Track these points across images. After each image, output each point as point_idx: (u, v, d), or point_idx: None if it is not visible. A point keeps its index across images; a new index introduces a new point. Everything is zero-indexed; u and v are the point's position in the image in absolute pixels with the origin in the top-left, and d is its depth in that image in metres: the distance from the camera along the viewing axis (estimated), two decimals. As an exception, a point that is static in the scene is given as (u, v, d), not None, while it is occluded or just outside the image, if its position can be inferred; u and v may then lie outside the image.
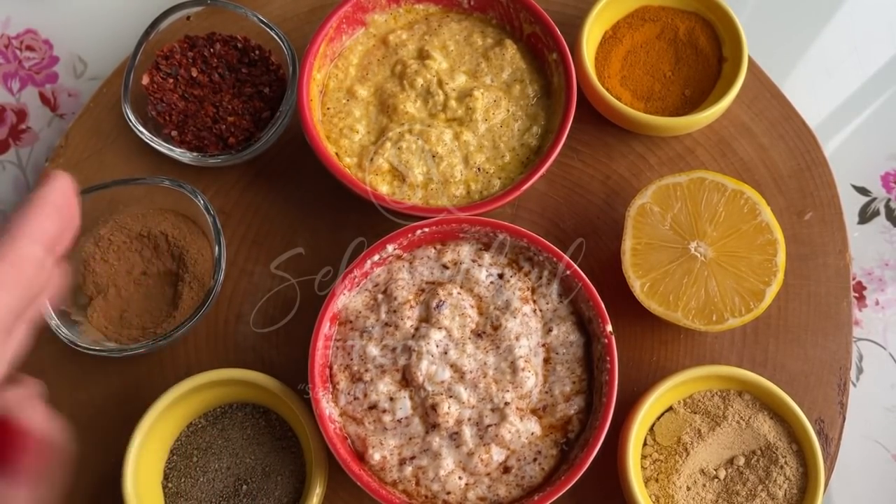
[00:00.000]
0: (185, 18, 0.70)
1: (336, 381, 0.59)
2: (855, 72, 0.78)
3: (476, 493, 0.57)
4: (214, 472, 0.59)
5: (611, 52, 0.71)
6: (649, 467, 0.60)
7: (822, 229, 0.69)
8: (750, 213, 0.62)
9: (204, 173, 0.69)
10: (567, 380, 0.59)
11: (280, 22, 0.73)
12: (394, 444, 0.57)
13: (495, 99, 0.66)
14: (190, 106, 0.68)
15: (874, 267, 0.72)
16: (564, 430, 0.59)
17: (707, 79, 0.70)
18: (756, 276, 0.61)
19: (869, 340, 0.70)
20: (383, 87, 0.67)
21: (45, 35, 0.77)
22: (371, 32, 0.70)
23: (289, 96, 0.67)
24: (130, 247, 0.65)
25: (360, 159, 0.65)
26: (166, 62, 0.69)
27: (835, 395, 0.65)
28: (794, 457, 0.59)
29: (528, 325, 0.59)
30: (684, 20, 0.72)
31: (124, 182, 0.65)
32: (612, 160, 0.70)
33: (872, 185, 0.74)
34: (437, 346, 0.58)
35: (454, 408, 0.57)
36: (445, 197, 0.64)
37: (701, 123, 0.68)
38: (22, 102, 0.75)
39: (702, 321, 0.60)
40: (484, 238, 0.62)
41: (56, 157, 0.70)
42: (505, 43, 0.68)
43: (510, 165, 0.65)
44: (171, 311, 0.64)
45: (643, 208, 0.63)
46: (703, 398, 0.61)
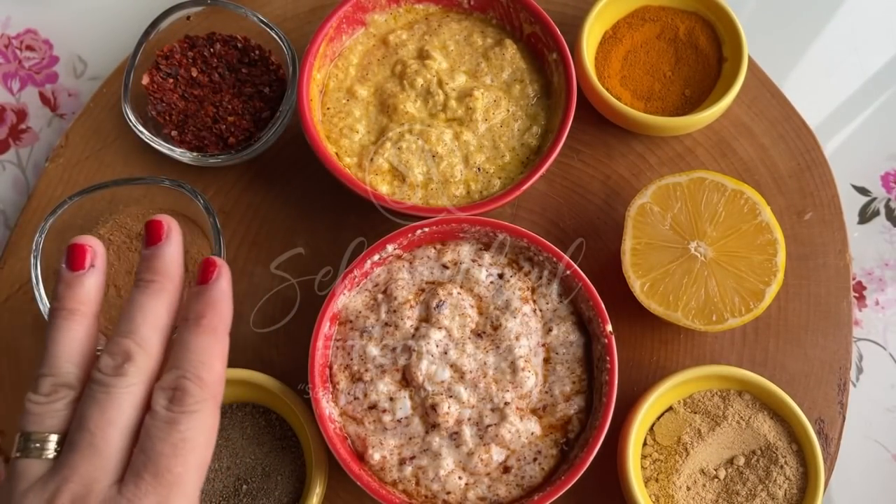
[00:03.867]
0: (185, 18, 0.70)
1: (336, 381, 0.59)
2: (855, 72, 0.78)
3: (476, 493, 0.57)
4: (214, 472, 0.59)
5: (611, 52, 0.71)
6: (649, 467, 0.60)
7: (822, 229, 0.69)
8: (750, 213, 0.62)
9: (204, 173, 0.69)
10: (567, 380, 0.59)
11: (280, 22, 0.73)
12: (394, 444, 0.57)
13: (495, 99, 0.66)
14: (190, 106, 0.68)
15: (874, 267, 0.72)
16: (564, 430, 0.59)
17: (707, 79, 0.70)
18: (756, 276, 0.61)
19: (869, 340, 0.70)
20: (383, 87, 0.67)
21: (45, 35, 0.77)
22: (371, 32, 0.70)
23: (289, 96, 0.67)
24: (130, 247, 0.65)
25: (360, 159, 0.65)
26: (166, 62, 0.69)
27: (835, 395, 0.65)
28: (794, 457, 0.59)
29: (528, 325, 0.59)
30: (684, 20, 0.72)
31: (124, 182, 0.65)
32: (612, 160, 0.70)
33: (872, 185, 0.74)
34: (437, 345, 0.58)
35: (454, 408, 0.57)
36: (445, 197, 0.64)
37: (701, 123, 0.68)
38: (22, 102, 0.75)
39: (702, 321, 0.60)
40: (484, 238, 0.62)
41: (56, 157, 0.70)
42: (505, 43, 0.68)
43: (510, 165, 0.65)
44: (171, 311, 0.64)
45: (643, 208, 0.63)
46: (703, 398, 0.61)
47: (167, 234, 0.47)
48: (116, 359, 0.43)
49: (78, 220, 0.64)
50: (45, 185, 0.69)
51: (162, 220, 0.48)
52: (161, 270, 0.46)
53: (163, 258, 0.47)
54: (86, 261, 0.46)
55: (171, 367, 0.44)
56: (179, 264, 0.48)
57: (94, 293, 0.46)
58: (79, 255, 0.46)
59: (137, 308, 0.45)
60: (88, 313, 0.45)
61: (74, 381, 0.43)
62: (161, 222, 0.47)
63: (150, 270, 0.46)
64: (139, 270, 0.47)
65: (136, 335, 0.44)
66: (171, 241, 0.47)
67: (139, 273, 0.47)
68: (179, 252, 0.48)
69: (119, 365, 0.43)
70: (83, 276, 0.46)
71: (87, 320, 0.45)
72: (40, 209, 0.68)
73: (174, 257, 0.47)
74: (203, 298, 0.46)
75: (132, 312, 0.45)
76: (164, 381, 0.43)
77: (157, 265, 0.47)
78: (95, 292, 0.46)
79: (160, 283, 0.46)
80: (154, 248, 0.47)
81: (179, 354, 0.44)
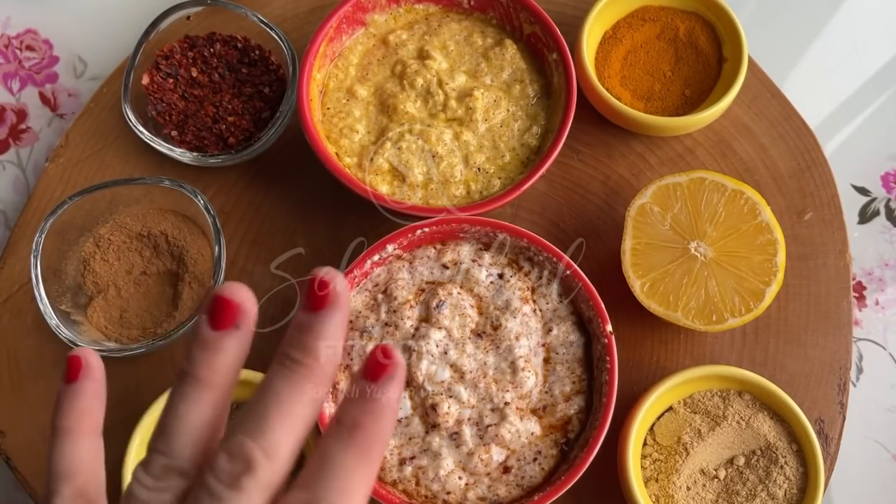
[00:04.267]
0: (185, 18, 0.70)
1: (336, 381, 0.59)
2: (855, 72, 0.78)
3: (476, 493, 0.57)
4: (214, 472, 0.59)
5: (611, 52, 0.71)
6: (649, 467, 0.60)
7: (822, 229, 0.69)
8: (750, 213, 0.62)
9: (204, 173, 0.69)
10: (567, 380, 0.59)
11: (280, 22, 0.73)
12: (394, 444, 0.57)
13: (495, 99, 0.66)
14: (190, 106, 0.68)
15: (874, 267, 0.72)
16: (564, 430, 0.59)
17: (707, 79, 0.70)
18: (756, 276, 0.61)
19: (869, 340, 0.70)
20: (383, 87, 0.67)
21: (45, 35, 0.77)
22: (371, 32, 0.70)
23: (289, 96, 0.67)
24: (130, 247, 0.65)
25: (360, 159, 0.65)
26: (166, 62, 0.69)
27: (835, 395, 0.65)
28: (794, 457, 0.59)
29: (528, 325, 0.59)
30: (684, 20, 0.72)
31: (124, 182, 0.65)
32: (612, 160, 0.70)
33: (872, 185, 0.74)
34: (437, 346, 0.58)
35: (454, 408, 0.57)
36: (445, 197, 0.64)
37: (701, 123, 0.68)
38: (22, 102, 0.75)
39: (702, 321, 0.60)
40: (484, 238, 0.62)
41: (56, 157, 0.70)
42: (505, 43, 0.68)
43: (510, 165, 0.65)
44: (171, 311, 0.64)
45: (643, 208, 0.63)
46: (703, 398, 0.61)
47: (332, 301, 0.34)
48: (235, 465, 0.32)
49: (78, 220, 0.64)
50: (45, 185, 0.69)
51: (328, 281, 0.34)
52: (316, 353, 0.33)
53: (321, 333, 0.34)
54: (235, 319, 0.35)
55: (303, 486, 0.33)
56: (342, 344, 0.35)
57: (235, 363, 0.35)
58: (225, 311, 0.34)
59: (273, 399, 0.33)
60: (222, 385, 0.35)
61: (189, 467, 0.34)
62: (327, 282, 0.34)
63: (301, 348, 0.34)
64: (284, 344, 0.34)
65: (265, 439, 0.32)
66: (336, 309, 0.34)
67: (283, 348, 0.34)
68: (344, 327, 0.34)
69: (237, 474, 0.32)
70: (226, 338, 0.34)
71: (217, 395, 0.35)
72: (40, 209, 0.68)
73: (338, 334, 0.34)
74: (366, 403, 0.34)
75: (266, 403, 0.33)
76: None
77: (310, 342, 0.33)
78: (236, 361, 0.35)
79: (308, 368, 0.33)
80: (313, 315, 0.34)
81: (316, 470, 0.33)
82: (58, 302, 0.62)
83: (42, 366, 0.64)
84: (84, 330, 0.62)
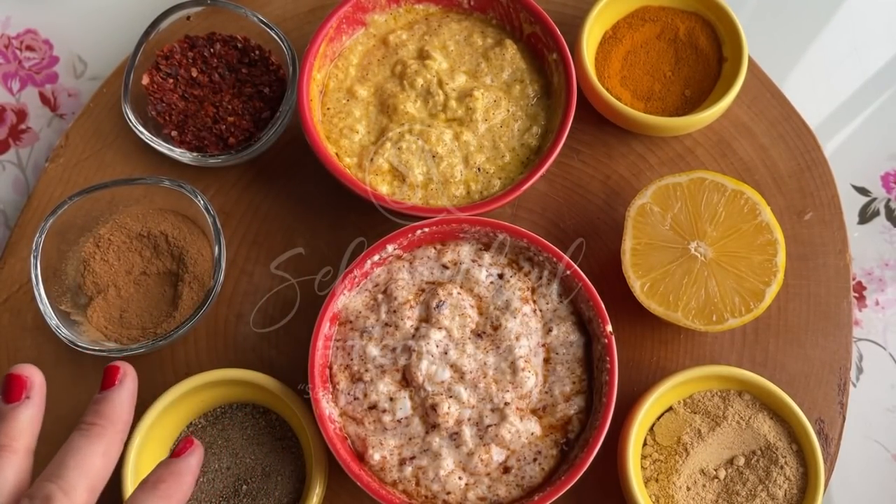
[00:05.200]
0: (185, 18, 0.70)
1: (336, 381, 0.59)
2: (855, 72, 0.78)
3: (476, 494, 0.57)
4: (214, 472, 0.59)
5: (611, 52, 0.71)
6: (649, 467, 0.60)
7: (822, 229, 0.69)
8: (750, 214, 0.62)
9: (204, 173, 0.69)
10: (567, 380, 0.59)
11: (280, 22, 0.73)
12: (394, 445, 0.57)
13: (495, 99, 0.66)
14: (190, 106, 0.68)
15: (874, 267, 0.72)
16: (564, 430, 0.59)
17: (707, 79, 0.70)
18: (756, 276, 0.61)
19: (869, 340, 0.70)
20: (383, 87, 0.67)
21: (45, 35, 0.77)
22: (371, 32, 0.70)
23: (289, 96, 0.67)
24: (130, 247, 0.65)
25: (360, 159, 0.65)
26: (166, 62, 0.69)
27: (835, 395, 0.65)
28: (794, 457, 0.59)
29: (528, 325, 0.59)
30: (684, 20, 0.72)
31: (124, 182, 0.65)
32: (612, 160, 0.70)
33: (872, 185, 0.74)
34: (437, 346, 0.58)
35: (454, 408, 0.57)
36: (445, 197, 0.64)
37: (701, 123, 0.68)
38: (22, 102, 0.75)
39: (702, 321, 0.60)
40: (484, 238, 0.62)
41: (56, 157, 0.70)
42: (505, 43, 0.68)
43: (510, 165, 0.65)
44: (171, 311, 0.64)
45: (643, 208, 0.63)
46: (703, 398, 0.61)
47: (121, 380, 0.45)
48: (36, 501, 0.39)
49: (78, 220, 0.64)
50: (45, 185, 0.69)
51: (119, 366, 0.46)
52: (105, 415, 0.44)
53: (111, 402, 0.44)
54: (22, 392, 0.43)
55: None
56: (127, 412, 0.45)
57: (29, 427, 0.43)
58: (14, 386, 0.43)
59: (71, 450, 0.41)
60: (20, 449, 0.42)
61: None
62: (118, 368, 0.45)
63: (95, 413, 0.44)
64: (84, 414, 0.44)
65: (63, 480, 0.40)
66: (122, 387, 0.45)
67: (83, 416, 0.44)
68: (130, 400, 0.45)
69: None
70: (17, 408, 0.43)
71: (17, 457, 0.42)
72: (40, 209, 0.68)
73: (123, 405, 0.45)
74: (168, 466, 0.44)
75: (63, 455, 0.41)
76: None
77: (102, 409, 0.44)
78: (30, 426, 0.43)
79: (101, 428, 0.43)
80: (105, 392, 0.45)
81: None
82: (58, 302, 0.62)
83: (42, 366, 0.63)
84: (84, 330, 0.62)
